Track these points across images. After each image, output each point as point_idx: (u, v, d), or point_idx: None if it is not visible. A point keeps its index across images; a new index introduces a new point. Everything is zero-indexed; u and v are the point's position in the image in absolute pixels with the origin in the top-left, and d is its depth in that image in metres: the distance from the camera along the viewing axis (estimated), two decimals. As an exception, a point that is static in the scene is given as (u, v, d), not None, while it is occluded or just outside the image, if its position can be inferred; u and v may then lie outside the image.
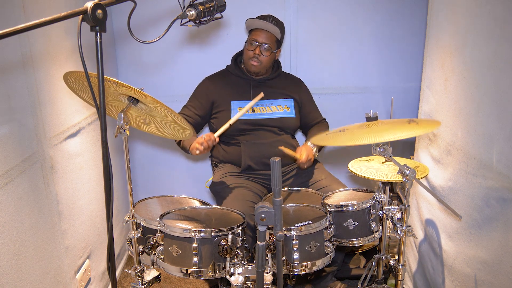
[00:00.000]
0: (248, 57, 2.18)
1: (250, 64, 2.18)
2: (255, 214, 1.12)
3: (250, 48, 2.16)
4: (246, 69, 2.25)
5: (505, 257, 1.29)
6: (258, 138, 2.18)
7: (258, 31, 2.15)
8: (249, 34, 2.20)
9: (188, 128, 1.56)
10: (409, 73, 2.65)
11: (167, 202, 1.85)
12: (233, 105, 2.19)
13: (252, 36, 2.16)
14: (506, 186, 1.28)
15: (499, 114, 1.30)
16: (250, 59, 2.17)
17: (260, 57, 2.15)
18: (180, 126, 1.57)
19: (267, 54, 2.16)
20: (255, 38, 2.15)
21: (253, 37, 2.15)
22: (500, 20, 1.29)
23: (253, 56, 2.15)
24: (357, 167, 1.75)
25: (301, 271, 1.54)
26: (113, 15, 2.46)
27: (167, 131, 1.65)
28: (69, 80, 1.47)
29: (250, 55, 2.16)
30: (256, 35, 2.15)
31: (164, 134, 1.66)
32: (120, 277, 2.43)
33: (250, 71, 2.23)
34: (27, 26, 0.91)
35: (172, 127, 1.61)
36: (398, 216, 1.59)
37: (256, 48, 2.14)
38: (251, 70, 2.21)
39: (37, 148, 1.53)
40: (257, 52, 2.14)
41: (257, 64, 2.17)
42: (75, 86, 1.51)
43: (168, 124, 1.59)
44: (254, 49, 2.15)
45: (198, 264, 1.46)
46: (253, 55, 2.15)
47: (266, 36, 2.14)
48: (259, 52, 2.14)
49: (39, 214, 1.51)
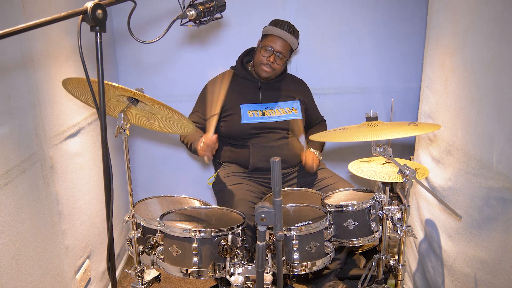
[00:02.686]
0: (260, 62, 2.13)
1: (262, 70, 2.15)
2: (255, 214, 1.12)
3: (264, 54, 2.11)
4: (255, 72, 2.21)
5: (505, 257, 1.29)
6: (268, 141, 2.18)
7: (276, 38, 2.09)
8: (264, 38, 2.14)
9: (190, 124, 1.56)
10: (409, 73, 2.65)
11: (167, 202, 1.84)
12: (242, 108, 2.17)
13: (268, 41, 2.10)
14: (506, 186, 1.28)
15: (499, 114, 1.30)
16: (263, 65, 2.13)
17: (273, 64, 2.12)
18: (182, 122, 1.57)
19: (281, 63, 2.13)
20: (271, 45, 2.09)
21: (269, 43, 2.10)
22: (500, 20, 1.29)
23: (266, 63, 2.12)
24: (357, 168, 1.75)
25: (301, 271, 1.54)
26: (113, 15, 2.46)
27: (170, 127, 1.65)
28: (68, 86, 1.47)
29: (264, 61, 2.12)
30: (273, 42, 2.09)
31: (167, 130, 1.66)
32: (120, 277, 2.43)
33: (260, 76, 2.19)
34: (27, 26, 0.91)
35: (174, 124, 1.61)
36: (398, 216, 1.59)
37: (271, 56, 2.10)
38: (262, 76, 2.18)
39: (37, 148, 1.53)
40: (271, 60, 2.10)
41: (269, 71, 2.14)
42: (74, 90, 1.51)
43: (170, 121, 1.60)
44: (268, 56, 2.11)
45: (198, 264, 1.46)
46: (267, 61, 2.11)
47: (282, 45, 2.09)
48: (273, 60, 2.11)
49: (39, 214, 1.51)
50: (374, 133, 1.43)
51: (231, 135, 2.20)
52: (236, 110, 2.17)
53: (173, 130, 1.66)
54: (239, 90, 2.21)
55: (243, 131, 2.16)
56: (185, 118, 1.51)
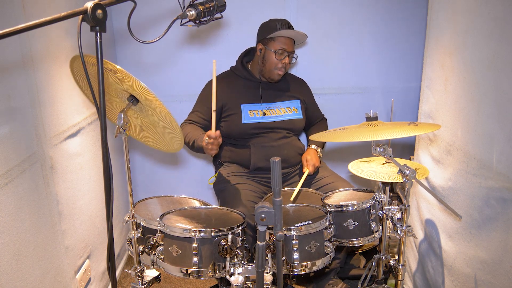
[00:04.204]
0: (275, 67, 2.12)
1: (276, 74, 2.14)
2: (255, 214, 1.12)
3: (279, 58, 2.10)
4: (266, 77, 2.19)
5: (505, 257, 1.29)
6: (268, 141, 2.18)
7: (286, 39, 2.09)
8: (272, 41, 2.11)
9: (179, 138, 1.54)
10: (409, 73, 2.65)
11: (167, 202, 1.84)
12: (242, 108, 2.17)
13: (280, 44, 2.09)
14: (506, 186, 1.28)
15: (499, 114, 1.30)
16: (277, 69, 2.12)
17: (287, 66, 2.13)
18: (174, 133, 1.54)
19: (292, 62, 2.16)
20: (285, 48, 2.09)
21: (281, 46, 2.09)
22: (500, 20, 1.29)
23: (281, 66, 2.11)
24: (357, 168, 1.75)
25: (301, 271, 1.54)
26: (113, 15, 2.46)
27: (161, 141, 1.63)
28: (74, 67, 1.46)
29: (279, 65, 2.11)
30: (285, 44, 2.09)
31: (158, 145, 1.65)
32: (120, 277, 2.43)
33: (273, 80, 2.19)
34: (27, 26, 0.91)
35: (166, 135, 1.58)
36: (398, 216, 1.59)
37: (286, 58, 2.10)
38: (276, 79, 2.18)
39: (37, 148, 1.53)
40: (287, 61, 2.11)
41: (283, 73, 2.15)
42: (78, 75, 1.50)
43: (163, 131, 1.57)
44: (283, 59, 2.10)
45: (198, 264, 1.46)
46: (282, 65, 2.11)
47: (292, 44, 2.12)
48: (288, 61, 2.11)
49: (39, 214, 1.51)
50: (374, 133, 1.43)
51: (232, 135, 2.21)
52: (236, 110, 2.17)
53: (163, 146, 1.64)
54: (239, 90, 2.21)
55: (244, 131, 2.16)
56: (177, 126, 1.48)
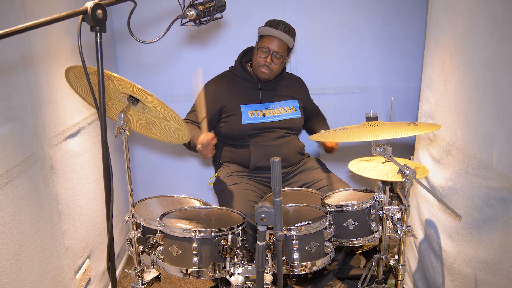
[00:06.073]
0: (258, 64, 2.14)
1: (260, 71, 2.15)
2: (255, 214, 1.12)
3: (261, 55, 2.11)
4: (255, 74, 2.21)
5: (505, 257, 1.29)
6: (267, 140, 2.18)
7: (271, 38, 2.09)
8: (260, 39, 2.15)
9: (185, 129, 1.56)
10: (409, 73, 2.66)
11: (167, 202, 1.84)
12: (242, 108, 2.17)
13: (264, 43, 2.10)
14: (506, 186, 1.28)
15: (499, 114, 1.30)
16: (260, 67, 2.13)
17: (271, 65, 2.12)
18: (179, 125, 1.56)
19: (278, 63, 2.13)
20: (267, 46, 2.09)
21: (265, 44, 2.10)
22: (500, 20, 1.29)
23: (263, 64, 2.12)
24: (357, 167, 1.75)
25: (301, 271, 1.54)
26: (113, 15, 2.46)
27: (170, 135, 1.64)
28: (70, 77, 1.46)
29: (261, 62, 2.12)
30: (268, 43, 2.09)
31: (168, 139, 1.65)
32: (120, 277, 2.43)
33: (259, 78, 2.20)
34: (27, 26, 0.91)
35: (172, 128, 1.60)
36: (398, 216, 1.59)
37: (268, 57, 2.10)
38: (261, 77, 2.18)
39: (37, 148, 1.53)
40: (268, 61, 2.11)
41: (268, 72, 2.14)
42: (75, 83, 1.50)
43: (169, 125, 1.59)
44: (265, 57, 2.11)
45: (198, 264, 1.46)
46: (264, 62, 2.11)
47: (278, 45, 2.09)
48: (270, 60, 2.11)
49: (39, 214, 1.51)
50: (374, 133, 1.43)
51: (231, 135, 2.21)
52: (236, 111, 2.17)
53: (174, 138, 1.65)
54: (238, 91, 2.21)
55: (244, 131, 2.16)
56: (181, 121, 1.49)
